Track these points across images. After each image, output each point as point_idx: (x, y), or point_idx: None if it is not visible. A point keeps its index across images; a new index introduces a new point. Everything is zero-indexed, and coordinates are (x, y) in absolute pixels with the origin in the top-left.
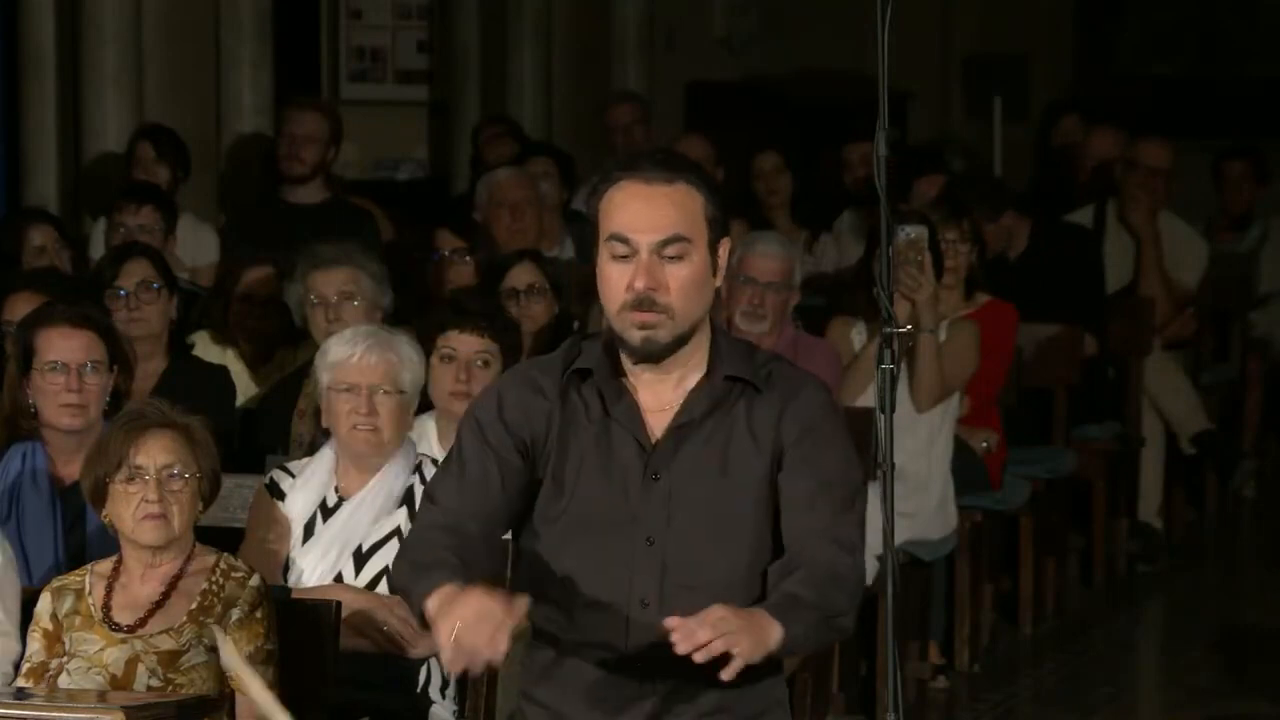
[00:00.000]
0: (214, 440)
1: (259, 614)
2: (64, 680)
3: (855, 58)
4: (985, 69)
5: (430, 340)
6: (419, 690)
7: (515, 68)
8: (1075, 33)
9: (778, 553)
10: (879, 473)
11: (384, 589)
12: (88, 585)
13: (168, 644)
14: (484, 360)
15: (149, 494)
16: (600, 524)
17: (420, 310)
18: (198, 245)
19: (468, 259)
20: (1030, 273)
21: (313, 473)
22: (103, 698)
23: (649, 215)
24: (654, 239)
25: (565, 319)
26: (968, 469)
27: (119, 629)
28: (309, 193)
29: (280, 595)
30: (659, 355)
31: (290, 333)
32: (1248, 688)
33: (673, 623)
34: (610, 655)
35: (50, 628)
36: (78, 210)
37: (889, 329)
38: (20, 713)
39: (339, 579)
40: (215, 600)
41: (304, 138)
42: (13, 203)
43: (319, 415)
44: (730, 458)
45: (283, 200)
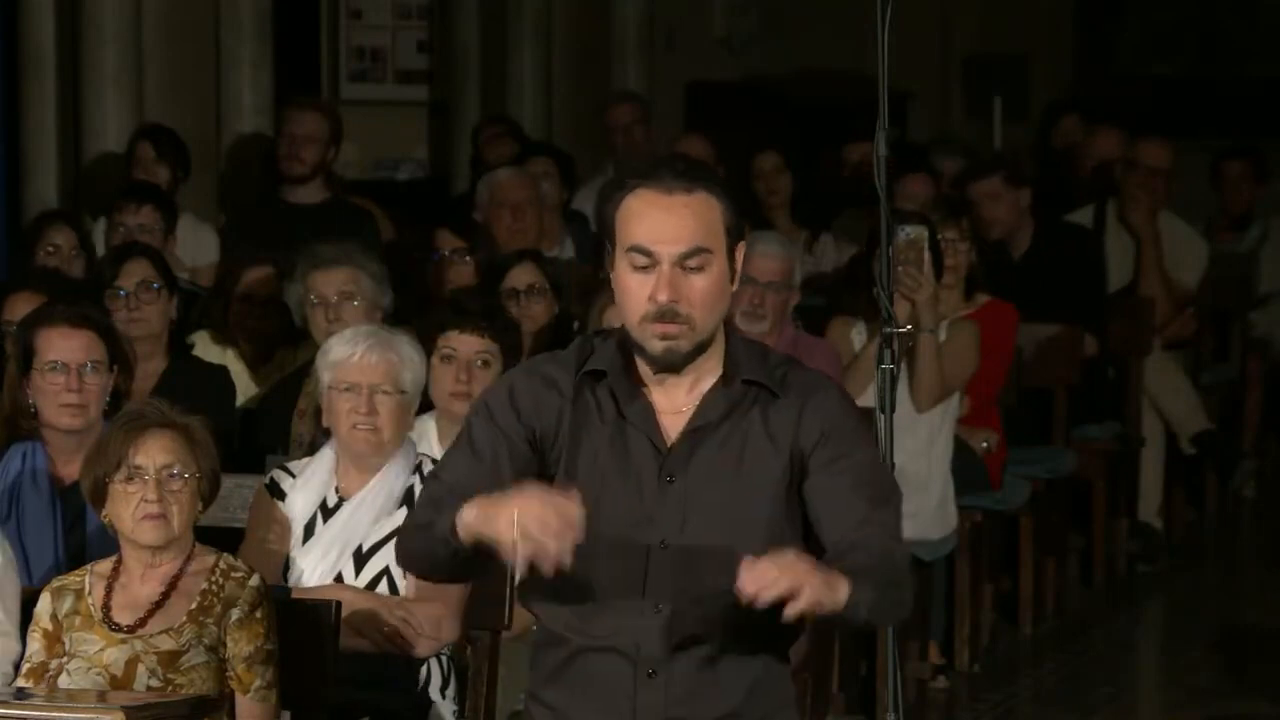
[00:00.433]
0: (214, 440)
1: (259, 614)
2: (64, 680)
3: (855, 58)
4: (985, 69)
5: (430, 340)
6: (419, 690)
7: (515, 68)
8: (1075, 33)
9: None
10: None
11: (384, 589)
12: (87, 585)
13: (167, 644)
14: (484, 360)
15: (148, 494)
16: (614, 526)
17: (420, 310)
18: (198, 245)
19: (468, 259)
20: (1033, 272)
21: (313, 473)
22: (103, 698)
23: (670, 227)
24: (676, 251)
25: (565, 319)
26: (968, 469)
27: (119, 629)
28: (309, 193)
29: (280, 595)
30: (680, 365)
31: (290, 333)
32: (1248, 688)
33: (747, 567)
34: (622, 659)
35: (50, 628)
36: (78, 210)
37: (889, 329)
38: (20, 713)
39: (339, 579)
40: (215, 600)
41: (304, 138)
42: (13, 203)
43: (319, 415)
44: (746, 461)
45: (283, 200)
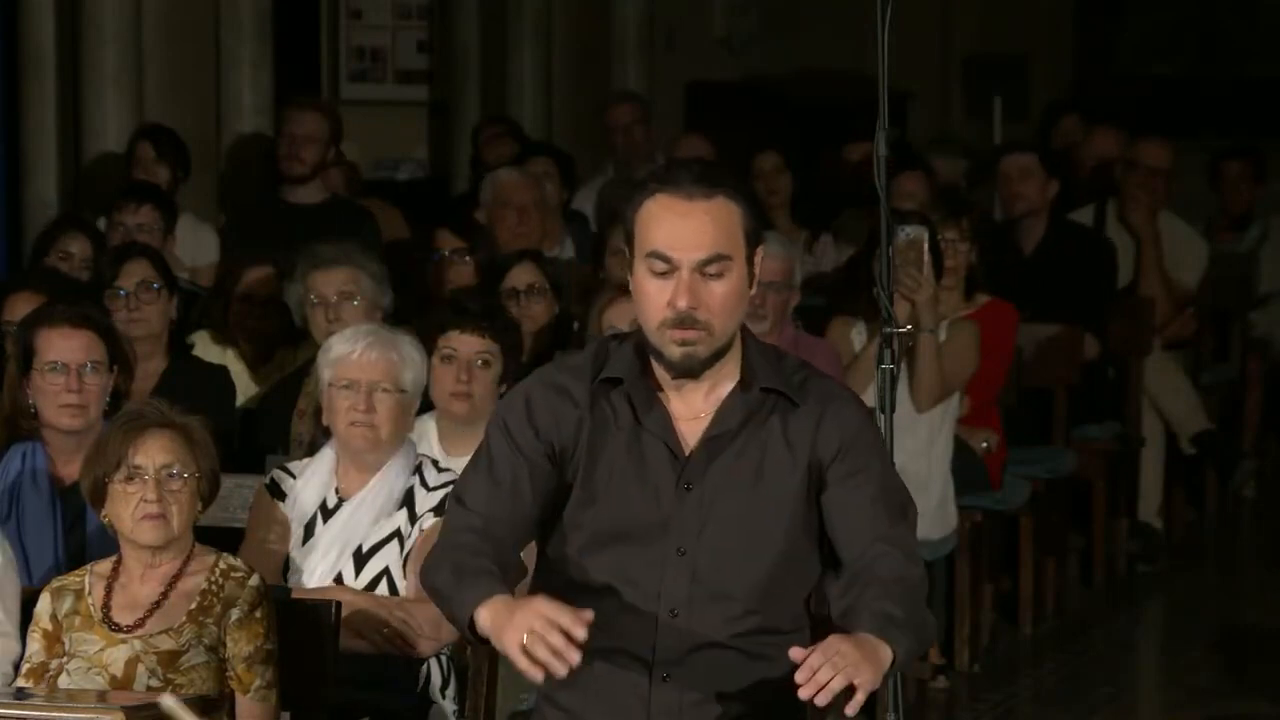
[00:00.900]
0: (213, 440)
1: (259, 614)
2: (64, 680)
3: (855, 58)
4: (985, 69)
5: (430, 340)
6: (419, 690)
7: (515, 68)
8: (1075, 33)
9: (809, 564)
10: None
11: (384, 590)
12: (87, 585)
13: (167, 644)
14: (484, 360)
15: (148, 494)
16: (631, 532)
17: (420, 310)
18: (198, 245)
19: (468, 259)
20: (1043, 269)
21: (313, 473)
22: (103, 698)
23: (690, 233)
24: (696, 257)
25: (565, 319)
26: (968, 469)
27: (119, 629)
28: (309, 193)
29: (280, 595)
30: (699, 371)
31: (290, 333)
32: (1248, 688)
33: (797, 657)
34: (636, 663)
35: (50, 628)
36: (78, 210)
37: (889, 329)
38: (20, 713)
39: (339, 580)
40: (215, 600)
41: (304, 138)
42: (13, 203)
43: (319, 415)
44: (764, 470)
45: (283, 200)
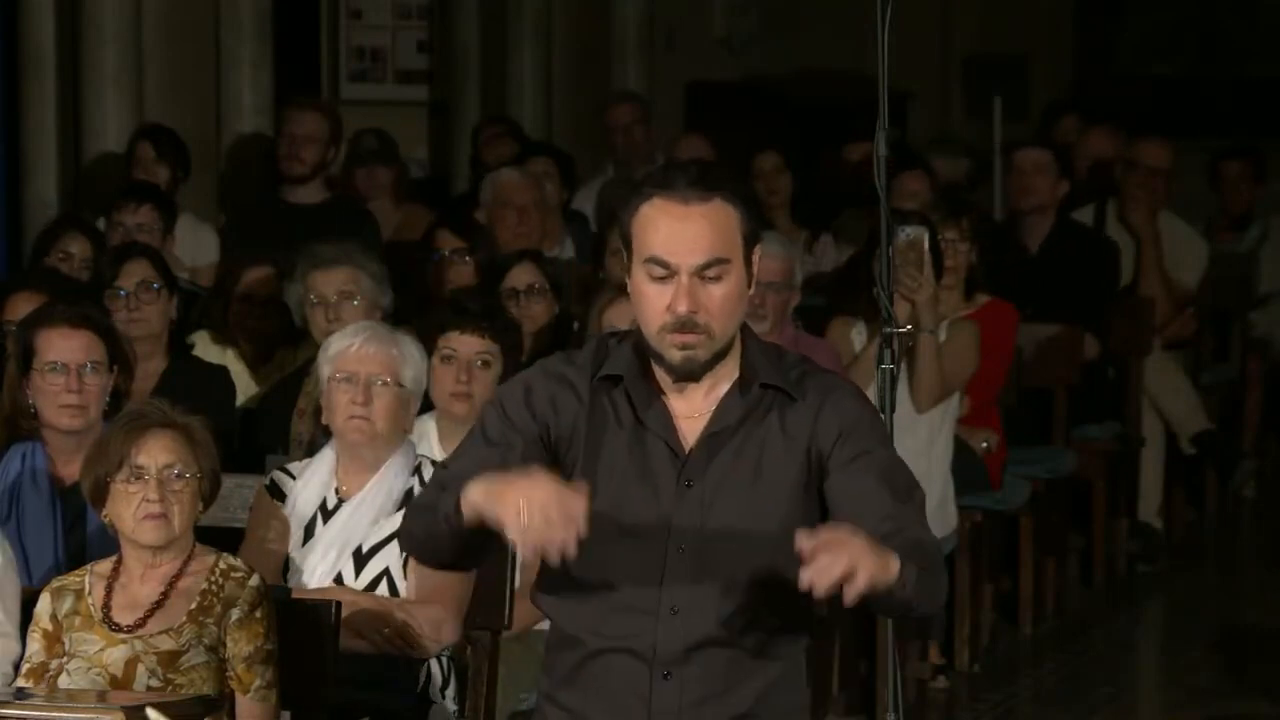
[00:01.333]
0: (214, 440)
1: (259, 614)
2: (64, 680)
3: (855, 58)
4: (985, 69)
5: (430, 340)
6: (419, 690)
7: (515, 68)
8: (1075, 33)
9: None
10: None
11: (384, 590)
12: (87, 585)
13: (167, 644)
14: (484, 361)
15: (150, 494)
16: (631, 530)
17: (420, 310)
18: (198, 245)
19: (468, 259)
20: (1048, 269)
21: (313, 473)
22: (103, 698)
23: (688, 237)
24: (694, 262)
25: (565, 319)
26: (968, 469)
27: (119, 629)
28: (309, 193)
29: (280, 595)
30: (699, 374)
31: (290, 333)
32: (1248, 688)
33: (804, 545)
34: (637, 661)
35: (50, 628)
36: (78, 210)
37: (889, 329)
38: (20, 713)
39: (339, 580)
40: (215, 600)
41: (304, 138)
42: (13, 203)
43: (319, 415)
44: (763, 466)
45: (283, 200)
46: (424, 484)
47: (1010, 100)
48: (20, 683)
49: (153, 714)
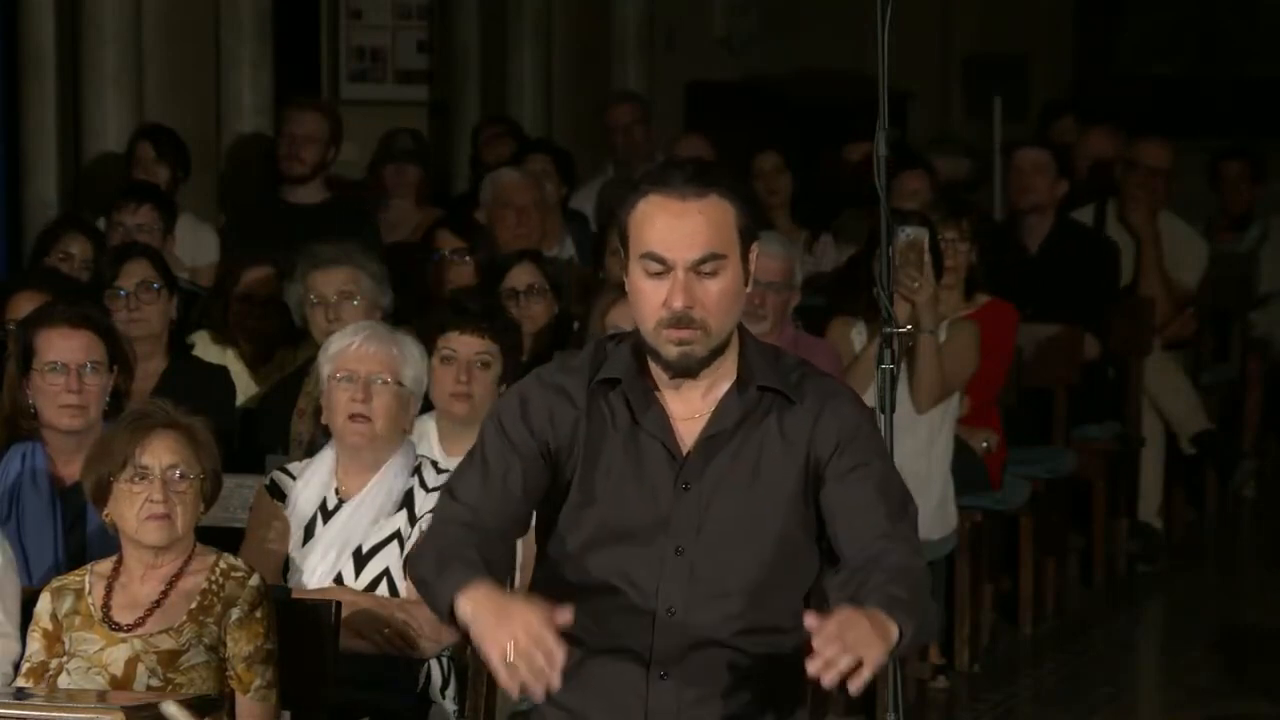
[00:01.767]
0: (215, 440)
1: (259, 614)
2: (64, 680)
3: (855, 58)
4: (985, 69)
5: (430, 340)
6: (419, 690)
7: (515, 68)
8: (1075, 33)
9: (807, 562)
10: None
11: (384, 590)
12: (87, 585)
13: (167, 643)
14: (484, 361)
15: (154, 494)
16: (629, 532)
17: (420, 310)
18: (198, 245)
19: (468, 259)
20: (1048, 268)
21: (313, 474)
22: (103, 698)
23: (683, 233)
24: (689, 257)
25: (565, 319)
26: (968, 469)
27: (119, 628)
28: (309, 193)
29: (280, 595)
30: (696, 370)
31: (290, 333)
32: (1248, 688)
33: (813, 626)
34: (635, 662)
35: (50, 628)
36: (78, 210)
37: (889, 329)
38: (20, 713)
39: (339, 580)
40: (215, 600)
41: (304, 138)
42: (13, 203)
43: (319, 415)
44: (761, 468)
45: (283, 200)
46: (423, 485)
47: (1010, 100)
48: (20, 682)
49: (172, 708)
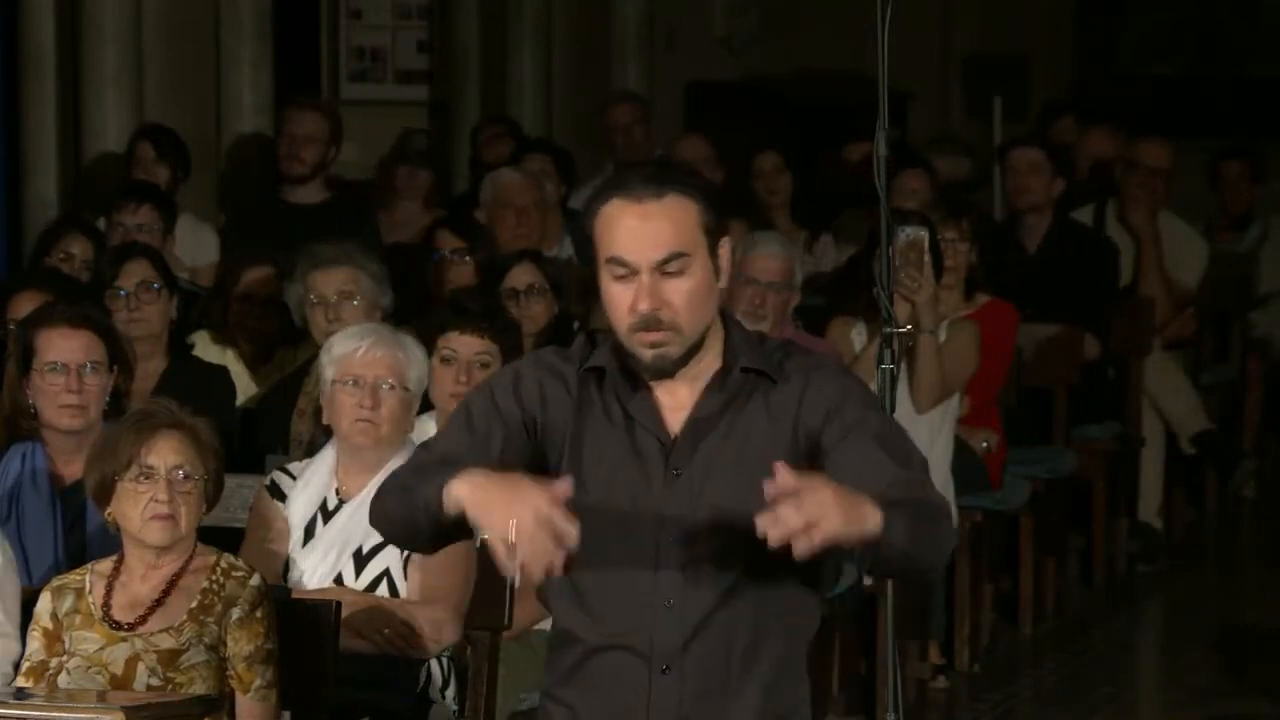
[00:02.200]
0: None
1: (259, 613)
2: (64, 680)
3: (855, 58)
4: (985, 69)
5: (430, 341)
6: (419, 690)
7: (515, 68)
8: (1075, 33)
9: None
10: None
11: (384, 591)
12: (88, 584)
13: (168, 643)
14: (484, 361)
15: (159, 494)
16: (622, 522)
17: (420, 310)
18: (198, 245)
19: (468, 259)
20: (1046, 268)
21: (313, 474)
22: (103, 698)
23: (644, 235)
24: (652, 258)
25: (565, 319)
26: (968, 469)
27: (119, 627)
28: (309, 193)
29: (280, 595)
30: (673, 370)
31: (290, 333)
32: (1248, 688)
33: (771, 489)
34: (636, 657)
35: (50, 627)
36: (78, 210)
37: (889, 329)
38: (20, 713)
39: (339, 580)
40: (215, 599)
41: (304, 138)
42: (13, 203)
43: (319, 415)
44: (750, 449)
45: (283, 200)
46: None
47: (1010, 100)
48: (20, 682)
49: None
